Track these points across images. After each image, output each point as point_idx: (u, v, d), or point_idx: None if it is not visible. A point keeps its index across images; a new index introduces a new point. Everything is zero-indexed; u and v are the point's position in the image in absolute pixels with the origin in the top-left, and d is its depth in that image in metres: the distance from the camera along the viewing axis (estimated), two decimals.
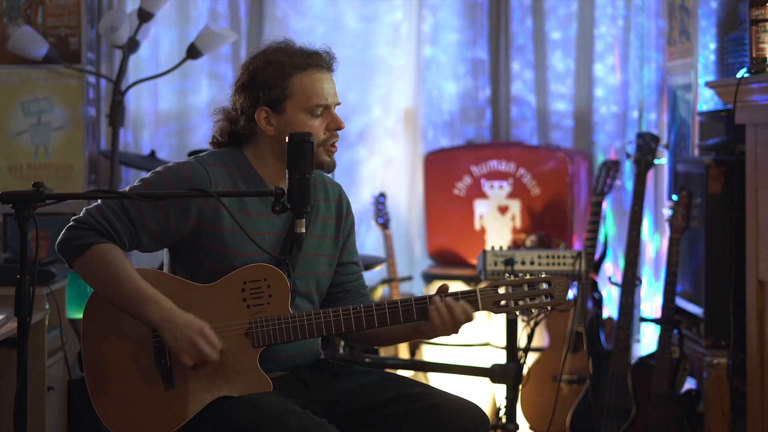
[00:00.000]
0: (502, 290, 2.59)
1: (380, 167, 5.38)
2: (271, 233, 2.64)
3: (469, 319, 2.58)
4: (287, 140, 2.37)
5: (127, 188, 2.62)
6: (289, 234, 2.65)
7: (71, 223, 2.57)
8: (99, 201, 2.59)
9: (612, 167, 4.72)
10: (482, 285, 2.66)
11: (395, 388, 2.62)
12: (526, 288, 2.59)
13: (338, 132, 2.65)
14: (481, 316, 4.76)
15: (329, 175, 2.79)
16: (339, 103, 2.67)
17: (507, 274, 2.69)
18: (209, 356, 2.51)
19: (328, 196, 2.76)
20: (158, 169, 2.63)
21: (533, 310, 2.60)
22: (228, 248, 2.59)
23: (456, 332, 2.59)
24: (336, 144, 2.66)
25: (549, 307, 2.60)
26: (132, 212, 2.56)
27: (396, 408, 2.58)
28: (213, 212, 2.58)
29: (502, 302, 2.59)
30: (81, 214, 2.58)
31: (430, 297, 2.58)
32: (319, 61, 2.63)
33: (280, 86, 2.59)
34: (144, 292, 2.53)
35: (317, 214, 2.72)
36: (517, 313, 2.59)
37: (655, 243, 5.10)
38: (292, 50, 2.64)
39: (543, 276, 2.61)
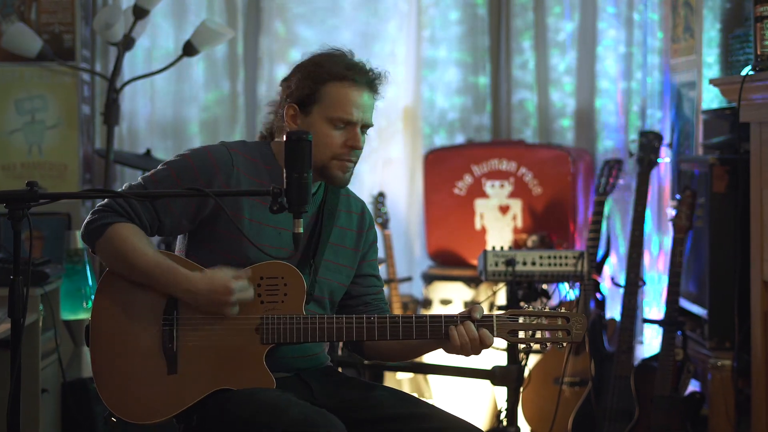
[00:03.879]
0: (519, 320, 2.57)
1: (379, 166, 5.34)
2: (291, 229, 2.62)
3: (487, 344, 2.56)
4: (285, 138, 2.36)
5: (150, 172, 2.64)
6: (311, 232, 2.67)
7: (94, 208, 2.61)
8: (122, 189, 2.62)
9: (615, 166, 4.70)
10: (499, 312, 2.65)
11: (403, 405, 2.61)
12: (543, 321, 2.57)
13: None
14: None
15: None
16: (370, 125, 2.66)
17: (526, 305, 2.67)
18: (249, 300, 2.53)
19: (350, 208, 2.77)
20: (184, 151, 2.66)
21: (548, 345, 2.57)
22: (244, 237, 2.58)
23: (477, 354, 2.58)
24: (352, 163, 2.65)
25: (564, 344, 2.57)
26: None
27: (401, 426, 2.56)
28: (233, 198, 2.59)
29: (519, 332, 2.58)
30: (104, 201, 2.61)
31: (447, 317, 2.56)
32: (357, 76, 2.63)
33: (312, 89, 2.62)
34: (162, 264, 2.54)
35: (337, 222, 2.72)
36: (531, 345, 2.58)
37: (658, 243, 5.06)
38: (338, 59, 2.66)
39: (562, 311, 2.59)
